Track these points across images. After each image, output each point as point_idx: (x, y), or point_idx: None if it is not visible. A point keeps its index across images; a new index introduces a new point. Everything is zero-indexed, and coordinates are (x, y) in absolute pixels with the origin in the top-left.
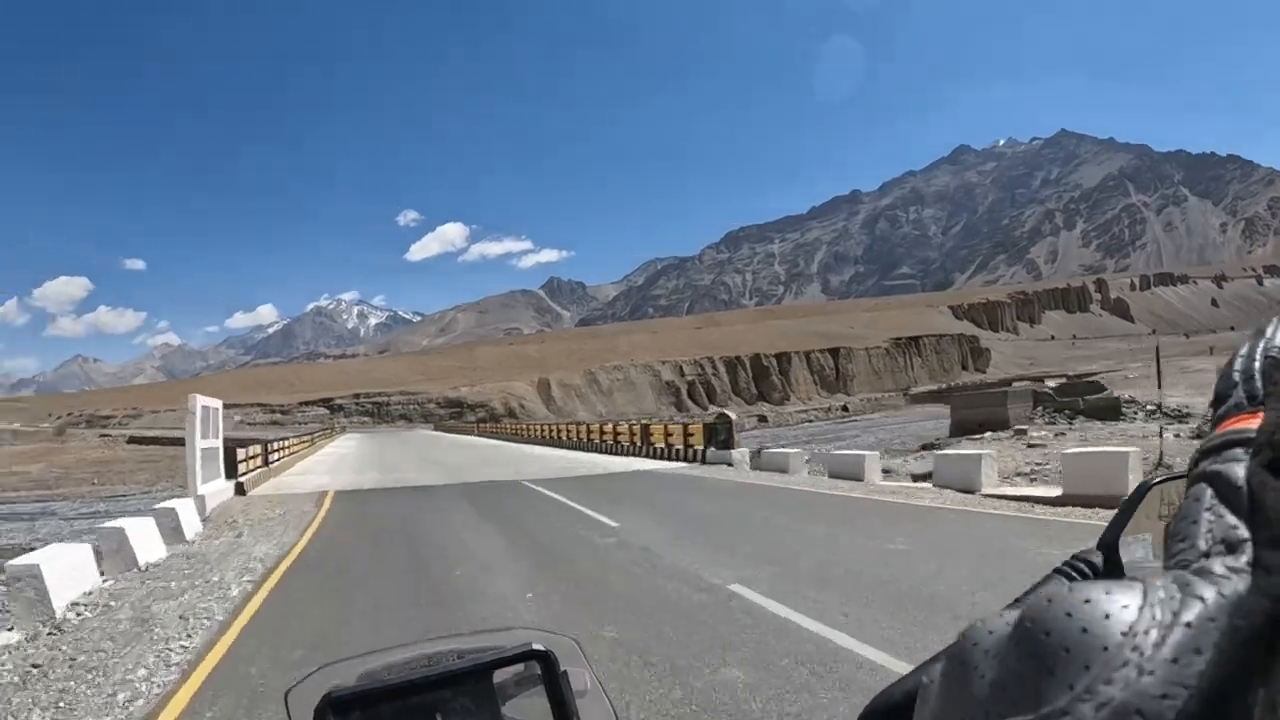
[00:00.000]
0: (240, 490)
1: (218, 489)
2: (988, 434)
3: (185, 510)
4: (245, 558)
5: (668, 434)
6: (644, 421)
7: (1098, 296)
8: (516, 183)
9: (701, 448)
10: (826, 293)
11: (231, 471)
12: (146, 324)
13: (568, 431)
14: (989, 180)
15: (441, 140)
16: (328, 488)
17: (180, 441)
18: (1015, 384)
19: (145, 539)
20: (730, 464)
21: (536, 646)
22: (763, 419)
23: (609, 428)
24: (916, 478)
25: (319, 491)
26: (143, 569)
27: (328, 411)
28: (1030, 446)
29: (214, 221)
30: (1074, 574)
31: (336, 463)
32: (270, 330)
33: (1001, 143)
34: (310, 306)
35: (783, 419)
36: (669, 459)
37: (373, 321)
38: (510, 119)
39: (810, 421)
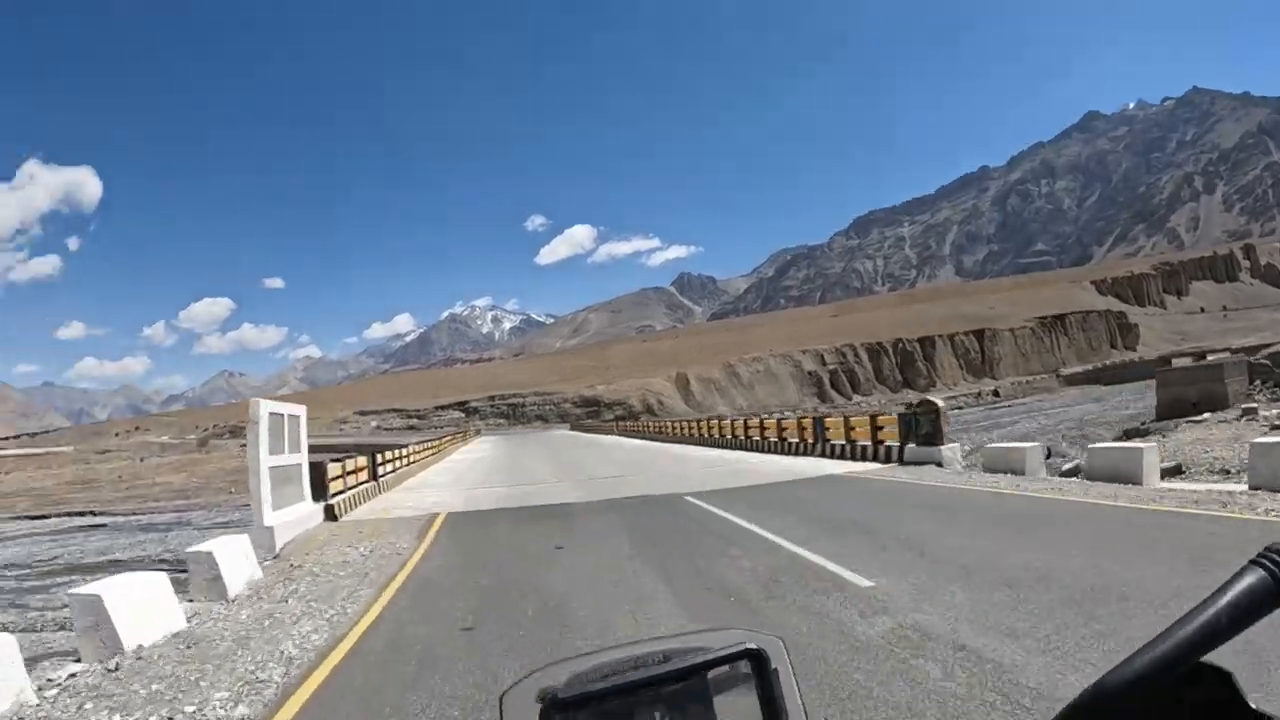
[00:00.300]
0: (331, 514)
1: (298, 516)
2: (1207, 415)
3: (234, 552)
4: (268, 652)
5: (849, 428)
6: (815, 414)
7: (1246, 264)
8: (641, 182)
9: (897, 444)
10: (960, 274)
11: (320, 492)
12: (288, 338)
13: (719, 428)
14: (1121, 146)
15: (563, 144)
16: (441, 508)
17: (313, 448)
18: (1175, 358)
19: (144, 605)
20: (940, 464)
21: (750, 645)
22: (909, 405)
23: (771, 422)
24: (1164, 473)
25: (428, 514)
26: (120, 662)
27: (463, 415)
28: (1275, 428)
29: (347, 237)
30: (1273, 565)
31: (463, 472)
32: (407, 338)
33: (1131, 105)
34: (445, 314)
35: None
36: (852, 458)
37: (507, 325)
38: (630, 118)
39: (960, 408)
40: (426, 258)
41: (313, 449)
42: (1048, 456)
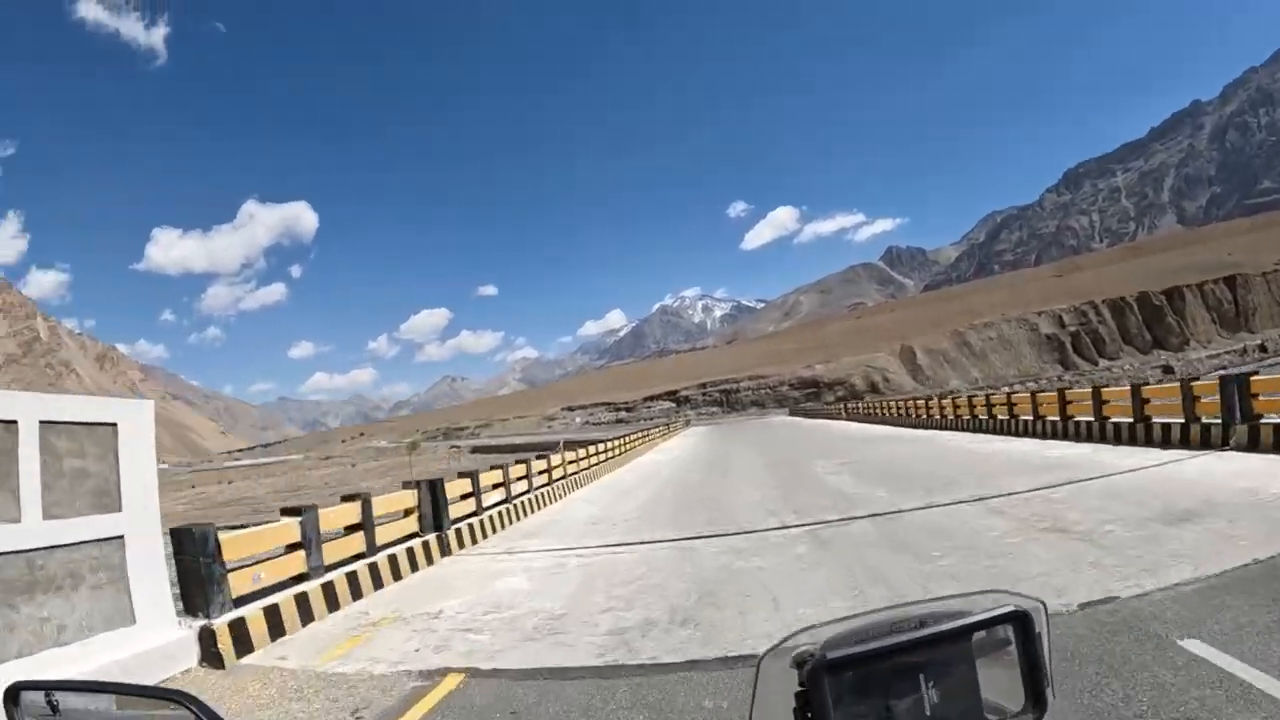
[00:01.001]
0: (213, 651)
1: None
2: None
3: None
4: None
5: None
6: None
7: None
8: (838, 158)
9: None
10: (1183, 222)
11: (199, 597)
12: (504, 342)
13: (1001, 406)
14: None
15: (757, 128)
16: (481, 637)
17: (511, 448)
18: None
19: None
20: None
21: (1016, 608)
22: (1168, 370)
23: (1115, 391)
24: None
25: (423, 674)
26: None
27: (674, 404)
28: None
29: (554, 241)
30: None
31: (625, 493)
32: (620, 333)
33: None
34: (656, 307)
35: (1191, 368)
36: None
37: (718, 313)
38: (820, 93)
39: (1224, 369)
40: (633, 254)
41: (495, 449)
42: None
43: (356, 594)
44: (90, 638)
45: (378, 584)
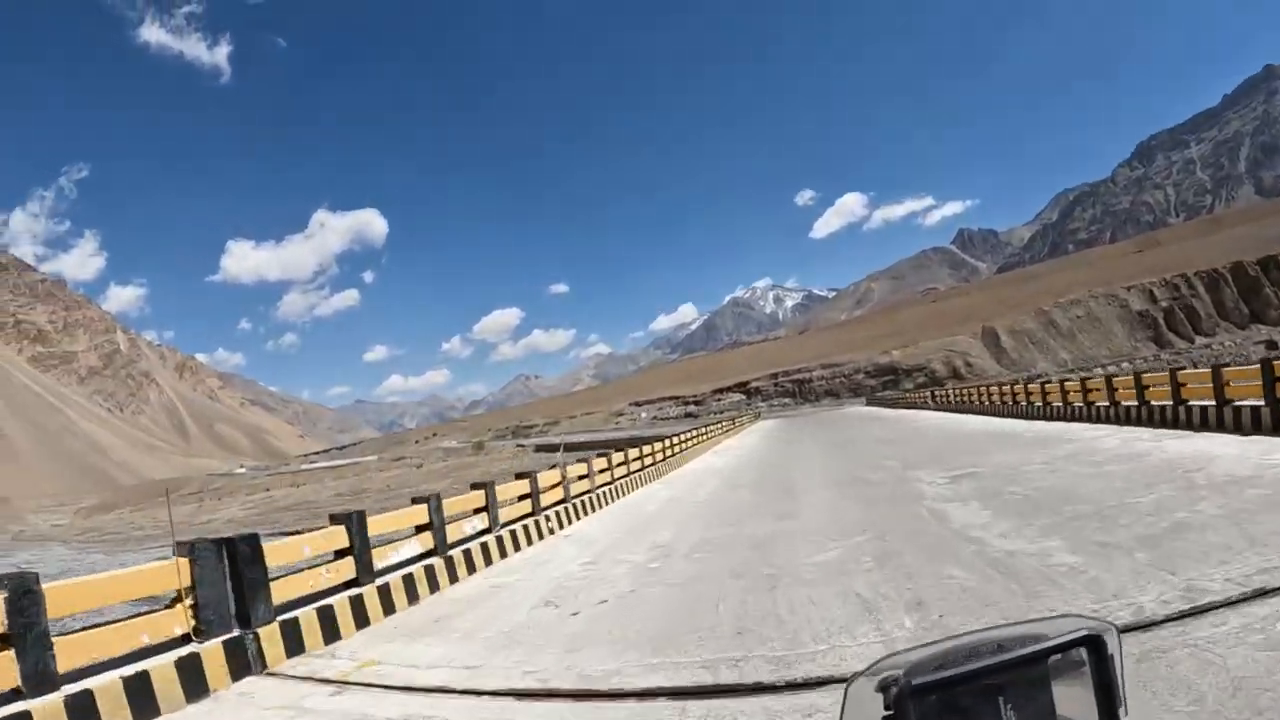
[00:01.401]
0: None
1: None
2: None
3: None
4: None
5: None
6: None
7: None
8: (905, 141)
9: None
10: (1261, 193)
11: None
12: (576, 339)
13: (1159, 389)
14: None
15: (821, 114)
16: None
17: (574, 446)
18: None
19: None
20: None
21: (1089, 632)
22: (1271, 345)
23: None
24: None
25: None
26: None
27: (744, 396)
28: None
29: (623, 237)
30: None
31: (644, 522)
32: (692, 327)
33: None
34: (727, 299)
35: None
36: None
37: (789, 303)
38: (884, 77)
39: None
40: (702, 247)
41: (558, 448)
42: None
43: None
44: None
45: None
